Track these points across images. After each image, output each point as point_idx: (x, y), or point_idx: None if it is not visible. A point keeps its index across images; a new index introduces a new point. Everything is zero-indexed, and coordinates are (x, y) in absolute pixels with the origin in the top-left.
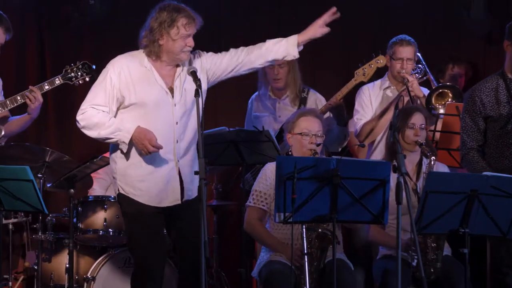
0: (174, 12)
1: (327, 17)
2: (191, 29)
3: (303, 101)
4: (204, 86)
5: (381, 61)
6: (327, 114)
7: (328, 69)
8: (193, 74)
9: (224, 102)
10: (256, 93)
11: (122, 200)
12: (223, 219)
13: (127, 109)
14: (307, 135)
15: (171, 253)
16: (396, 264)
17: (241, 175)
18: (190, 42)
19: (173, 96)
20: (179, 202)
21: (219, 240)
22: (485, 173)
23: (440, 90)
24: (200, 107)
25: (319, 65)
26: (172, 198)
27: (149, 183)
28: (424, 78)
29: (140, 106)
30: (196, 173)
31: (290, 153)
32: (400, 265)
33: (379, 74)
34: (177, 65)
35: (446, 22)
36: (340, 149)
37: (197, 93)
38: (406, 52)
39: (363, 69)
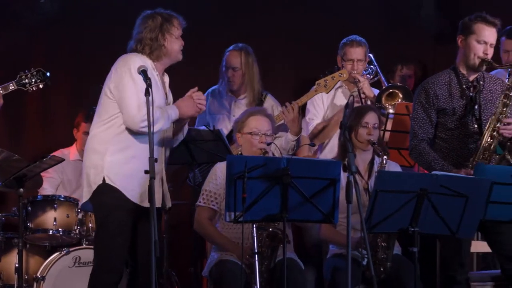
0: (167, 14)
1: None
2: (181, 29)
3: (259, 105)
4: None
5: (344, 74)
6: (282, 121)
7: (282, 74)
8: (144, 72)
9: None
10: (214, 87)
11: (105, 190)
12: (174, 219)
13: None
14: (256, 134)
15: None
16: (346, 262)
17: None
18: (182, 41)
19: (167, 102)
20: (159, 205)
21: (170, 239)
22: (434, 172)
23: (390, 90)
24: (150, 106)
25: (273, 70)
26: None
27: (138, 181)
28: (375, 79)
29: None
30: (146, 172)
31: (240, 152)
32: (350, 263)
33: None
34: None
35: (396, 22)
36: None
37: (147, 92)
38: (357, 53)
39: (325, 80)
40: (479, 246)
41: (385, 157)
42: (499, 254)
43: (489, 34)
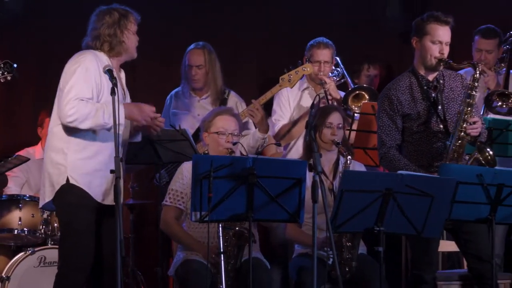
0: (123, 10)
1: None
2: (136, 25)
3: (223, 102)
4: None
5: (307, 69)
6: (247, 118)
7: (246, 72)
8: (110, 72)
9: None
10: (176, 89)
11: (69, 189)
12: (140, 218)
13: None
14: (223, 134)
15: None
16: (311, 262)
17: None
18: (137, 37)
19: (125, 98)
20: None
21: (136, 239)
22: (400, 172)
23: (357, 92)
24: (116, 105)
25: (238, 68)
26: (112, 197)
27: (101, 179)
28: (342, 81)
29: (109, 104)
30: (112, 171)
31: (206, 152)
32: (316, 263)
33: None
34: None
35: (363, 22)
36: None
37: (113, 91)
38: (324, 55)
39: (289, 75)
40: (446, 246)
41: (349, 157)
42: (467, 254)
43: (443, 33)
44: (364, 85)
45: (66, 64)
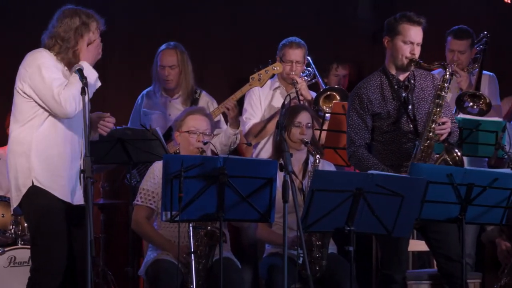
0: (86, 17)
1: None
2: (98, 33)
3: (194, 102)
4: None
5: (277, 68)
6: (218, 117)
7: (217, 72)
8: (80, 71)
9: (112, 99)
10: (148, 89)
11: (35, 192)
12: (110, 218)
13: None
14: (194, 133)
15: None
16: (282, 261)
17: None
18: (100, 46)
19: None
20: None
21: (106, 238)
22: (370, 171)
23: (328, 93)
24: (86, 105)
25: (209, 66)
26: (80, 196)
27: (66, 179)
28: (313, 81)
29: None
30: (82, 171)
31: (177, 151)
32: (286, 262)
33: None
34: None
35: (333, 22)
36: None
37: (83, 91)
38: (296, 54)
39: (258, 74)
40: (416, 245)
41: (317, 156)
42: (436, 253)
43: (415, 33)
44: (336, 86)
45: (23, 65)
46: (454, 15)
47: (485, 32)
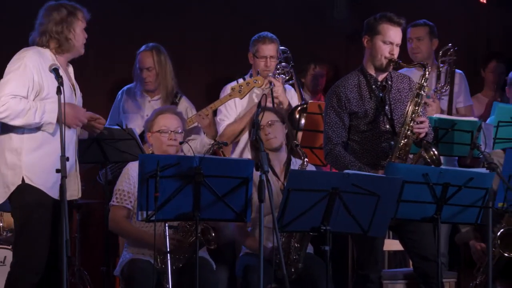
0: (71, 7)
1: None
2: (85, 22)
3: (173, 105)
4: None
5: (258, 81)
6: (195, 124)
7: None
8: (56, 71)
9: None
10: (129, 85)
11: (25, 189)
12: (86, 217)
13: (44, 102)
14: (165, 132)
15: None
16: (258, 261)
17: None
18: (85, 34)
19: (75, 93)
20: (77, 197)
21: (82, 238)
22: (346, 171)
23: (305, 106)
24: (62, 104)
25: (186, 71)
26: (71, 192)
27: (56, 176)
28: (291, 82)
29: (55, 101)
30: (57, 171)
31: (152, 152)
32: (262, 262)
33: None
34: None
35: (310, 22)
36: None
37: (58, 91)
38: (269, 49)
39: (240, 86)
40: (392, 245)
41: (306, 159)
42: (411, 253)
43: (394, 34)
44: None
45: (11, 61)
46: (430, 15)
47: (450, 44)
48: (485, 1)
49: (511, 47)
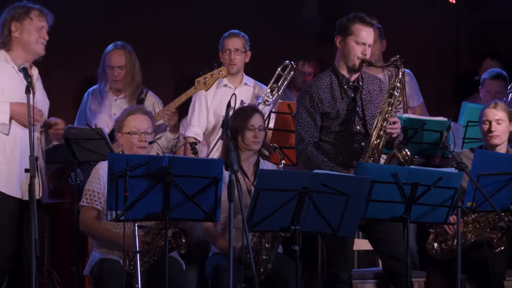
0: (26, 7)
1: None
2: (43, 22)
3: (140, 102)
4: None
5: (223, 72)
6: (161, 121)
7: (161, 71)
8: (24, 70)
9: (57, 99)
10: (94, 87)
11: None
12: (55, 217)
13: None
14: (136, 133)
15: None
16: (227, 260)
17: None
18: (44, 34)
19: (34, 95)
20: (37, 196)
21: (51, 238)
22: (316, 170)
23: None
24: (30, 104)
25: (153, 67)
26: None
27: (16, 176)
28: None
29: (6, 102)
30: (26, 170)
31: (121, 152)
32: (231, 262)
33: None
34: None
35: (279, 22)
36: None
37: (27, 90)
38: (233, 43)
39: (204, 78)
40: (361, 244)
41: (283, 161)
42: (381, 252)
43: (367, 34)
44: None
45: None
46: (400, 16)
47: (398, 56)
48: (454, 1)
49: (479, 47)
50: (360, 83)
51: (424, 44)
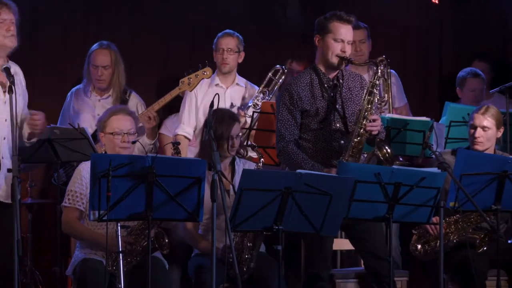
0: None
1: None
2: (5, 14)
3: (124, 102)
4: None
5: (207, 72)
6: (141, 123)
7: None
8: (7, 70)
9: (40, 97)
10: (77, 86)
11: None
12: (38, 217)
13: None
14: (119, 134)
15: None
16: (210, 260)
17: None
18: (10, 26)
19: (4, 93)
20: (9, 200)
21: (34, 238)
22: (299, 170)
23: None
24: (13, 104)
25: (138, 68)
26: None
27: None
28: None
29: None
30: (9, 170)
31: (104, 152)
32: (214, 262)
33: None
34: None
35: (262, 22)
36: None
37: (10, 90)
38: (226, 42)
39: (188, 78)
40: (344, 244)
41: (262, 160)
42: (363, 252)
43: (345, 31)
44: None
45: None
46: (383, 16)
47: (384, 56)
48: (437, 1)
49: (463, 47)
50: (340, 80)
51: (408, 44)
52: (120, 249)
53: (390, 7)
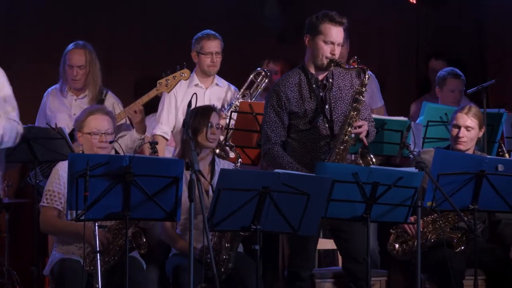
0: None
1: None
2: None
3: (100, 102)
4: None
5: (185, 74)
6: (123, 121)
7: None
8: None
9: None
10: (53, 86)
11: None
12: (15, 217)
13: None
14: (96, 134)
15: None
16: (188, 260)
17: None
18: None
19: None
20: None
21: (11, 238)
22: (277, 170)
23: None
24: None
25: (114, 68)
26: None
27: None
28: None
29: None
30: None
31: (81, 151)
32: (192, 262)
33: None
34: None
35: (240, 21)
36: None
37: None
38: (214, 46)
39: (166, 80)
40: (323, 244)
41: (240, 160)
42: (342, 252)
43: (336, 34)
44: None
45: None
46: (360, 16)
47: (355, 57)
48: (414, 1)
49: (440, 47)
50: (330, 80)
51: (385, 44)
52: (98, 249)
53: (367, 6)
